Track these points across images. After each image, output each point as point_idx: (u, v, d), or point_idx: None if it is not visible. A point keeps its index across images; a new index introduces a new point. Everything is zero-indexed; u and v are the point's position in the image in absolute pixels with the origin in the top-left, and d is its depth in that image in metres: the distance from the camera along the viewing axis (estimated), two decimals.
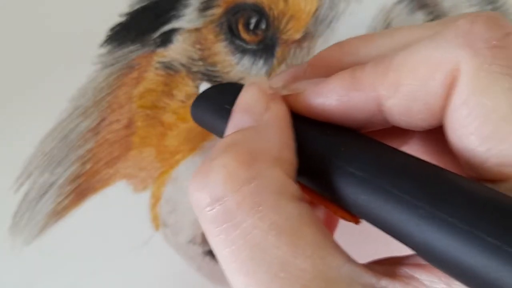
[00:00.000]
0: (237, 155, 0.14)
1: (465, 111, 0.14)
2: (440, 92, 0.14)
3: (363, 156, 0.15)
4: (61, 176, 0.28)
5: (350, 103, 0.16)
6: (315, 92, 0.16)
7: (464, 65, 0.14)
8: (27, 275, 0.26)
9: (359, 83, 0.15)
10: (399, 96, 0.15)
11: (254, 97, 0.17)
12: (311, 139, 0.16)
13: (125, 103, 0.28)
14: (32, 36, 0.29)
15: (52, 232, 0.27)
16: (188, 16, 0.30)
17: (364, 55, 0.17)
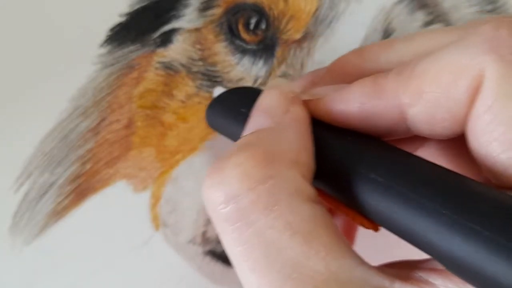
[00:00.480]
0: (254, 154, 0.14)
1: (489, 117, 0.13)
2: (464, 99, 0.14)
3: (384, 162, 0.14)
4: (61, 176, 0.28)
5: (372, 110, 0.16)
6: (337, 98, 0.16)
7: (489, 71, 0.13)
8: (27, 275, 0.26)
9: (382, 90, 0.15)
10: (422, 103, 0.15)
11: (275, 99, 0.17)
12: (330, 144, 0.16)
13: (125, 103, 0.28)
14: (32, 36, 0.29)
15: (52, 232, 0.27)
16: (188, 16, 0.30)
17: (385, 61, 0.17)
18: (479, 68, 0.14)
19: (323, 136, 0.16)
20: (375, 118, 0.16)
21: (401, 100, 0.15)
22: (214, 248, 0.27)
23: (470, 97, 0.14)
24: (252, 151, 0.14)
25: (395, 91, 0.15)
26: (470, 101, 0.14)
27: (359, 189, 0.15)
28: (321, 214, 0.14)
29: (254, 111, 0.17)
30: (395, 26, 0.30)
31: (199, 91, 0.29)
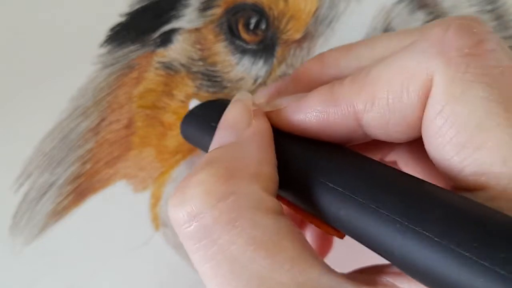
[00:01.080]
0: (215, 171, 0.14)
1: (440, 120, 0.14)
2: (415, 103, 0.14)
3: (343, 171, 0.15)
4: (61, 176, 0.28)
5: (329, 119, 0.16)
6: (295, 108, 0.17)
7: (437, 74, 0.14)
8: (27, 275, 0.26)
9: (337, 98, 0.16)
10: (375, 109, 0.15)
11: (237, 113, 0.17)
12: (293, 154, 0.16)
13: (125, 103, 0.28)
14: (32, 36, 0.29)
15: (52, 232, 0.27)
16: (188, 16, 0.30)
17: (345, 67, 0.17)
18: (427, 72, 0.14)
19: (286, 146, 0.16)
20: (332, 126, 0.16)
21: (355, 106, 0.15)
22: None
23: (421, 101, 0.14)
24: (214, 168, 0.14)
25: (349, 98, 0.15)
26: (422, 106, 0.14)
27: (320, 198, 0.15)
28: (285, 226, 0.14)
29: (219, 126, 0.17)
30: (395, 25, 0.30)
31: (199, 91, 0.29)
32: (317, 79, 0.18)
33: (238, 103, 0.17)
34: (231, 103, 0.18)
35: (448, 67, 0.13)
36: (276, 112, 0.17)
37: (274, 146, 0.16)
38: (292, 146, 0.17)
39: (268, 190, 0.15)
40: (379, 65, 0.15)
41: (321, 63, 0.18)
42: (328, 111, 0.16)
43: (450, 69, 0.13)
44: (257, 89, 0.29)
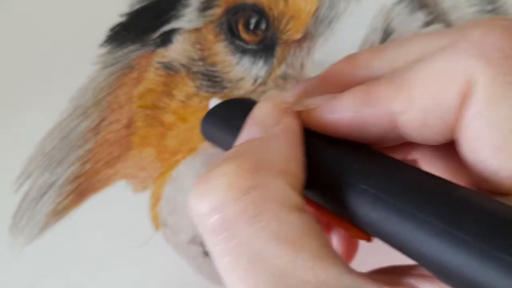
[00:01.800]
0: (240, 163, 0.14)
1: (479, 122, 0.13)
2: (454, 105, 0.14)
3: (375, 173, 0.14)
4: (61, 176, 0.28)
5: (364, 119, 0.16)
6: (329, 108, 0.16)
7: (478, 75, 0.13)
8: (27, 275, 0.27)
9: (373, 99, 0.15)
10: (413, 111, 0.15)
11: (267, 111, 0.17)
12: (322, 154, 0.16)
13: (125, 103, 0.28)
14: (32, 36, 0.29)
15: (52, 232, 0.27)
16: (188, 16, 0.30)
17: (377, 68, 0.17)
18: (468, 73, 0.13)
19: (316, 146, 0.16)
20: (367, 127, 0.16)
21: (392, 108, 0.15)
22: None
23: (461, 103, 0.14)
24: (239, 161, 0.14)
25: (386, 99, 0.15)
26: (461, 107, 0.14)
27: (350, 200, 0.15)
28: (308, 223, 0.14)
29: (247, 123, 0.17)
30: (395, 26, 0.30)
31: (199, 91, 0.29)
32: (348, 80, 0.17)
33: (268, 101, 0.17)
34: (260, 101, 0.17)
35: (489, 68, 0.13)
36: (307, 112, 0.17)
37: (303, 145, 0.16)
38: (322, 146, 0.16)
39: (295, 187, 0.15)
40: (417, 65, 0.15)
41: (352, 64, 0.17)
42: (364, 111, 0.15)
43: (492, 71, 0.13)
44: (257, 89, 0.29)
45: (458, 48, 0.14)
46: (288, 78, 0.29)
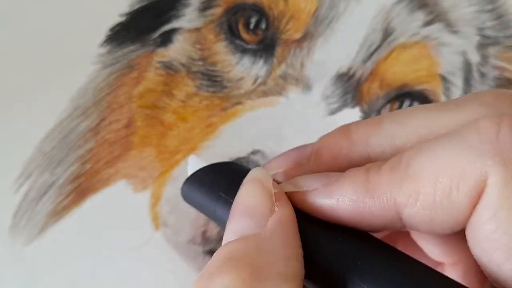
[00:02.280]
0: (239, 272, 0.13)
1: (492, 225, 0.13)
2: (465, 203, 0.13)
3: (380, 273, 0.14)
4: (61, 176, 0.28)
5: (365, 209, 0.15)
6: (325, 193, 0.15)
7: (492, 176, 0.13)
8: (27, 275, 0.27)
9: (375, 189, 0.14)
10: (419, 205, 0.14)
11: (257, 197, 0.15)
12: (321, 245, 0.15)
13: (125, 103, 0.29)
14: (32, 36, 0.29)
15: (52, 232, 0.27)
16: (188, 16, 0.30)
17: (375, 145, 0.16)
18: (481, 173, 0.13)
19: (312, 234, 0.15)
20: (368, 216, 0.15)
21: (396, 200, 0.14)
22: (214, 248, 0.27)
23: (472, 202, 0.13)
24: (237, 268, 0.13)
25: (389, 190, 0.14)
26: (472, 206, 0.13)
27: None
28: None
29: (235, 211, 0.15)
30: (395, 25, 0.30)
31: (199, 91, 0.29)
32: (344, 156, 0.16)
33: (256, 184, 0.16)
34: (247, 182, 0.16)
35: (504, 168, 0.12)
36: (301, 194, 0.16)
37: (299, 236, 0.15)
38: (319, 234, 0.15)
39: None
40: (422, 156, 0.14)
41: (348, 138, 0.16)
42: (365, 201, 0.14)
43: (506, 172, 0.12)
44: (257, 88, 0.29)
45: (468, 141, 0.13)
46: (288, 77, 0.29)
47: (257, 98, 0.29)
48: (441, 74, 0.31)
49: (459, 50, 0.31)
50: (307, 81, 0.30)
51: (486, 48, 0.32)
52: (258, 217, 0.15)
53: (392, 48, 0.30)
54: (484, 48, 0.32)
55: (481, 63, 0.32)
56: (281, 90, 0.29)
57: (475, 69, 0.31)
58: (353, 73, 0.30)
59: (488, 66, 0.32)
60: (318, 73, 0.30)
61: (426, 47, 0.31)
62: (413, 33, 0.30)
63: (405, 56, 0.30)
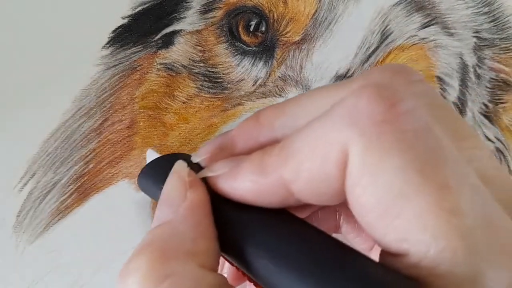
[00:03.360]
0: (150, 254, 0.14)
1: (359, 191, 0.14)
2: (336, 173, 0.14)
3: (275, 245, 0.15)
4: (64, 176, 0.28)
5: (261, 188, 0.16)
6: (230, 176, 0.16)
7: (351, 145, 0.13)
8: (30, 273, 0.27)
9: (266, 169, 0.15)
10: (302, 180, 0.15)
11: (173, 187, 0.17)
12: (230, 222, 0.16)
13: (127, 104, 0.29)
14: (36, 38, 0.29)
15: (55, 230, 0.27)
16: (189, 18, 0.30)
17: (280, 126, 0.17)
18: (343, 143, 0.14)
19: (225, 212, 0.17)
20: (265, 194, 0.16)
21: (283, 177, 0.15)
22: None
23: (341, 171, 0.14)
24: (149, 251, 0.15)
25: (277, 169, 0.15)
26: (342, 175, 0.14)
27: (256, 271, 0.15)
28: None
29: (159, 202, 0.17)
30: (392, 28, 0.30)
31: (200, 92, 0.29)
32: (254, 139, 0.17)
33: (173, 176, 0.17)
34: (170, 174, 0.17)
35: (361, 137, 0.13)
36: (213, 179, 0.17)
37: (211, 217, 0.16)
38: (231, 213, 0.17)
39: (207, 265, 0.15)
40: (302, 133, 0.15)
41: (257, 123, 0.18)
42: (259, 181, 0.16)
43: (364, 139, 0.13)
44: (257, 90, 0.30)
45: (332, 116, 0.14)
46: (287, 79, 0.30)
47: (257, 99, 0.29)
48: (438, 76, 0.31)
49: (455, 52, 0.31)
50: (306, 82, 0.30)
51: (483, 50, 0.32)
52: (173, 205, 0.16)
53: (389, 50, 0.30)
54: (480, 50, 0.32)
55: (477, 64, 0.32)
56: (281, 91, 0.29)
57: (472, 70, 0.32)
58: (352, 75, 0.30)
59: (484, 67, 0.32)
60: (317, 74, 0.30)
61: (423, 49, 0.31)
62: (410, 35, 0.31)
63: (402, 57, 0.31)
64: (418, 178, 0.13)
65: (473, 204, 0.13)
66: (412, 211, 0.13)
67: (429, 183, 0.13)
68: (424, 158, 0.13)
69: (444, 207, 0.13)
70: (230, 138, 0.18)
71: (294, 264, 0.14)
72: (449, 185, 0.13)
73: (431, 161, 0.13)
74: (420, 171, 0.13)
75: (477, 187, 0.13)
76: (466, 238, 0.12)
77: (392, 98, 0.14)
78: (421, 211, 0.13)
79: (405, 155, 0.13)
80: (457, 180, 0.13)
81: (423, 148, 0.13)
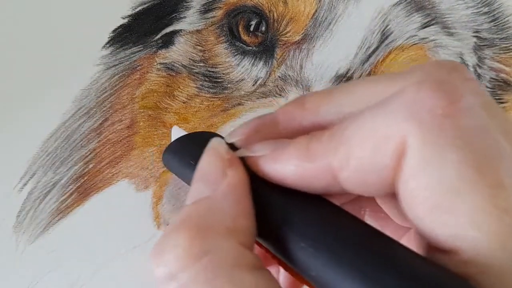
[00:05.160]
0: (189, 231, 0.14)
1: (414, 183, 0.14)
2: (390, 164, 0.14)
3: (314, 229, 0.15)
4: (64, 176, 0.28)
5: (305, 173, 0.16)
6: (273, 158, 0.16)
7: (410, 138, 0.13)
8: (30, 273, 0.27)
9: (313, 154, 0.15)
10: (351, 168, 0.15)
11: (212, 164, 0.17)
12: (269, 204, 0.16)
13: (127, 104, 0.29)
14: (36, 38, 0.29)
15: (55, 230, 0.27)
16: (190, 18, 0.30)
17: (325, 113, 0.17)
18: (401, 135, 0.14)
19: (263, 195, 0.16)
20: (309, 180, 0.16)
21: (331, 164, 0.15)
22: None
23: (396, 162, 0.14)
24: (187, 228, 0.14)
25: (325, 155, 0.15)
26: (397, 166, 0.14)
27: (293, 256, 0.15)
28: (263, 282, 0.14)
29: (194, 178, 0.17)
30: (392, 28, 0.30)
31: (200, 92, 0.29)
32: (297, 124, 0.17)
33: (211, 152, 0.17)
34: (206, 151, 0.17)
35: (421, 130, 0.13)
36: (254, 159, 0.17)
37: (250, 196, 0.16)
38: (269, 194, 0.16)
39: (246, 244, 0.15)
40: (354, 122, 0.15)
41: (301, 107, 0.17)
42: (305, 166, 0.16)
43: (423, 132, 0.13)
44: (257, 90, 0.30)
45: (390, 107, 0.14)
46: (287, 79, 0.30)
47: (257, 99, 0.29)
48: None
49: (456, 52, 0.31)
50: (306, 82, 0.30)
51: (483, 50, 0.32)
52: (211, 181, 0.16)
53: (389, 50, 0.30)
54: (480, 49, 0.32)
55: (477, 64, 0.32)
56: (281, 91, 0.29)
57: (472, 70, 0.32)
58: (352, 74, 0.30)
59: (484, 67, 0.32)
60: (317, 74, 0.30)
61: (423, 49, 0.31)
62: (410, 35, 0.31)
63: (402, 57, 0.31)
64: (474, 175, 0.13)
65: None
66: (465, 207, 0.13)
67: (484, 181, 0.13)
68: (481, 156, 0.13)
69: (498, 206, 0.13)
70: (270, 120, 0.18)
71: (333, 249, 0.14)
72: (504, 184, 0.13)
73: (487, 159, 0.13)
74: (476, 168, 0.13)
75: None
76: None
77: (453, 94, 0.14)
78: (474, 208, 0.13)
79: (463, 151, 0.13)
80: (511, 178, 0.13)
81: (480, 146, 0.13)
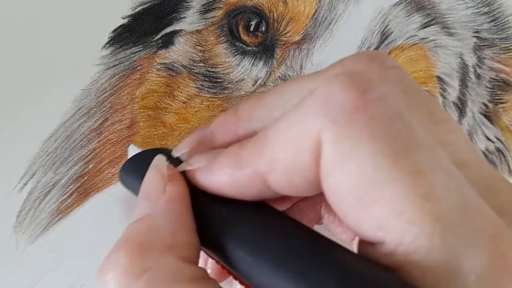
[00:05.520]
0: (130, 249, 0.15)
1: (333, 179, 0.14)
2: (310, 163, 0.14)
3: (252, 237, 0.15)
4: (64, 176, 0.28)
5: (238, 181, 0.16)
6: (208, 169, 0.17)
7: (324, 134, 0.13)
8: (30, 273, 0.27)
9: (242, 162, 0.16)
10: (277, 171, 0.15)
11: (153, 181, 0.17)
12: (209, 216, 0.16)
13: (127, 104, 0.29)
14: (36, 37, 0.29)
15: (55, 230, 0.27)
16: (190, 18, 0.30)
17: (257, 119, 0.17)
18: (315, 132, 0.14)
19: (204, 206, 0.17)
20: (243, 187, 0.16)
21: (259, 169, 0.15)
22: None
23: (315, 161, 0.14)
24: (127, 246, 0.15)
25: (252, 161, 0.15)
26: (317, 165, 0.14)
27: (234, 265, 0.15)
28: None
29: (138, 196, 0.17)
30: (392, 28, 0.30)
31: (200, 92, 0.29)
32: (232, 132, 0.17)
33: (152, 170, 0.17)
34: (149, 169, 0.17)
35: (334, 125, 0.13)
36: (192, 172, 0.17)
37: (191, 210, 0.16)
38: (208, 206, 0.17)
39: (187, 258, 0.15)
40: (275, 125, 0.15)
41: (235, 116, 0.18)
42: (236, 173, 0.16)
43: (336, 128, 0.13)
44: (257, 90, 0.30)
45: (306, 106, 0.14)
46: (287, 79, 0.30)
47: None
48: (438, 76, 0.31)
49: (455, 52, 0.31)
50: None
51: (483, 50, 0.32)
52: (151, 199, 0.16)
53: (389, 50, 0.31)
54: (480, 50, 0.32)
55: (477, 64, 0.32)
56: None
57: (472, 70, 0.32)
58: None
59: (484, 67, 0.32)
60: None
61: (423, 49, 0.31)
62: (410, 35, 0.31)
63: (402, 58, 0.31)
64: (389, 165, 0.13)
65: (447, 188, 0.13)
66: (385, 198, 0.13)
67: (400, 169, 0.13)
68: (395, 144, 0.13)
69: (416, 192, 0.12)
70: (209, 131, 0.18)
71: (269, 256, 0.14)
72: (421, 170, 0.13)
73: (402, 147, 0.13)
74: (391, 157, 0.13)
75: (451, 171, 0.13)
76: (441, 222, 0.12)
77: (363, 86, 0.14)
78: (393, 197, 0.13)
79: (376, 142, 0.13)
80: (429, 165, 0.13)
81: (393, 134, 0.13)
